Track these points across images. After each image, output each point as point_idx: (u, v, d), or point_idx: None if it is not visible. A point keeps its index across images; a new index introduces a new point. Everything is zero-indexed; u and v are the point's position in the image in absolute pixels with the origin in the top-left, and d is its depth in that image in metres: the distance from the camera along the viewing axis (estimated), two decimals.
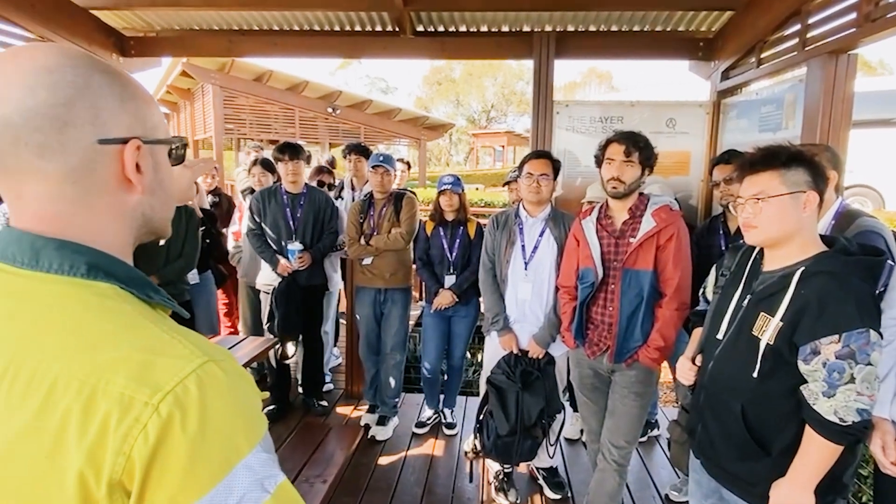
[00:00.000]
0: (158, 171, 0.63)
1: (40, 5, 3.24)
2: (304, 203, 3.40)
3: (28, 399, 0.48)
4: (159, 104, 0.70)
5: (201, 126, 11.05)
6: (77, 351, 0.49)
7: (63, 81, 0.54)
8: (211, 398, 0.49)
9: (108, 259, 0.57)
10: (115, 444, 0.46)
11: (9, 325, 0.52)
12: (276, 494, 0.51)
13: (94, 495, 0.46)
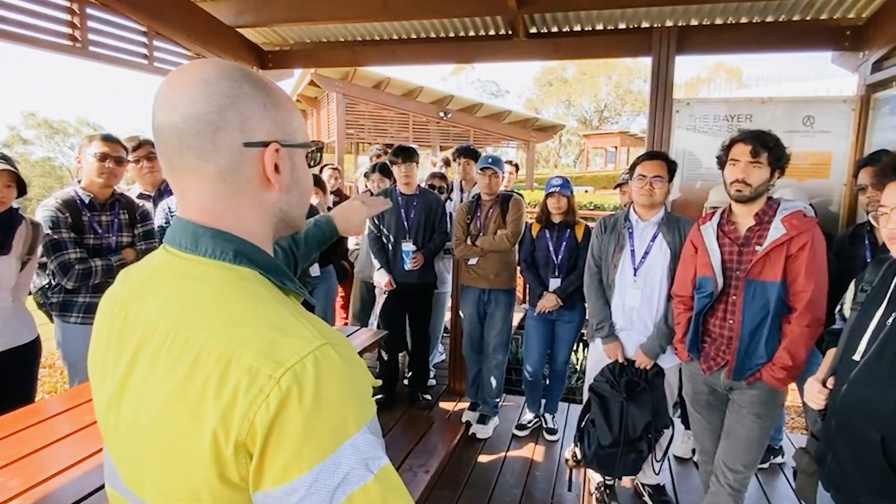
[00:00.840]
0: (295, 172, 0.69)
1: (198, 28, 3.70)
2: (416, 204, 3.55)
3: (180, 363, 0.56)
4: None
5: (325, 131, 11.87)
6: (219, 326, 0.57)
7: (218, 92, 0.62)
8: (325, 378, 0.54)
9: (252, 248, 0.65)
10: (243, 409, 0.52)
11: (172, 300, 0.62)
12: (379, 476, 0.54)
13: (223, 452, 0.53)
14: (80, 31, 3.09)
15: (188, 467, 0.55)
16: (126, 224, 2.65)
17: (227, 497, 0.55)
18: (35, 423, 1.90)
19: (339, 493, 0.52)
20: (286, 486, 0.52)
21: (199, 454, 0.53)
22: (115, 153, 2.53)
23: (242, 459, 0.53)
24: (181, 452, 0.55)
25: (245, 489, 0.54)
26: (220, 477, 0.54)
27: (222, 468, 0.53)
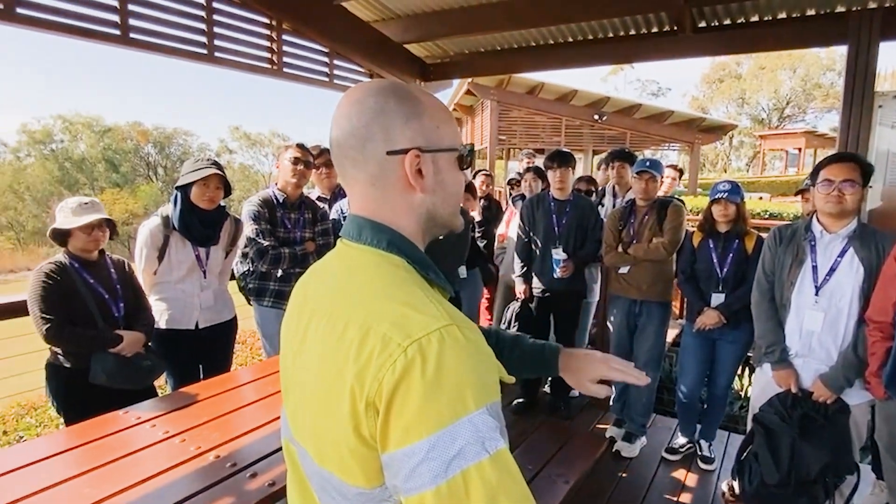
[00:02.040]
0: (439, 175, 0.75)
1: (371, 46, 4.08)
2: (569, 210, 3.50)
3: (334, 330, 0.66)
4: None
5: (479, 138, 12.21)
6: (364, 300, 0.67)
7: (367, 109, 0.73)
8: (447, 354, 0.59)
9: (403, 240, 0.74)
10: (374, 371, 0.60)
11: (335, 278, 0.75)
12: (495, 457, 0.58)
13: (357, 407, 0.61)
14: (278, 55, 3.59)
15: (332, 419, 0.64)
16: (309, 222, 3.03)
17: (361, 452, 0.63)
18: (230, 388, 2.26)
19: (455, 465, 0.56)
20: (407, 448, 0.58)
21: (341, 408, 0.62)
22: (305, 158, 2.95)
23: (371, 417, 0.60)
24: (329, 406, 0.65)
25: (375, 448, 0.62)
26: (355, 430, 0.62)
27: (357, 422, 0.62)
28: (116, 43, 2.79)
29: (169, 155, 30.91)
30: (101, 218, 2.25)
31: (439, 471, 0.56)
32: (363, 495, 0.65)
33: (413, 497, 0.58)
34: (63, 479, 1.53)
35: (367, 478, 0.63)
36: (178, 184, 2.55)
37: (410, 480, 0.58)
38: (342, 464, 0.65)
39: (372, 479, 0.63)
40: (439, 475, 0.56)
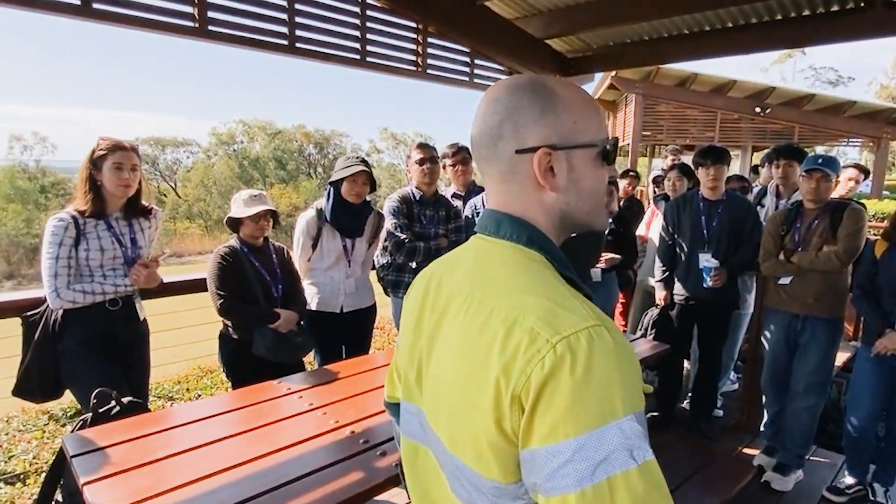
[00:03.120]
0: (573, 172, 0.72)
1: (512, 44, 4.09)
2: (721, 211, 3.20)
3: (475, 320, 0.67)
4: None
5: (621, 135, 11.65)
6: (507, 292, 0.66)
7: (500, 107, 0.73)
8: (597, 354, 0.57)
9: (542, 236, 0.73)
10: (521, 365, 0.59)
11: (473, 270, 0.75)
12: (643, 468, 0.55)
13: (502, 400, 0.60)
14: (422, 57, 3.75)
15: (472, 409, 0.64)
16: (443, 219, 3.14)
17: (500, 446, 0.62)
18: (367, 369, 2.42)
19: (601, 471, 0.54)
20: (552, 446, 0.56)
21: (484, 399, 0.62)
22: (429, 155, 3.08)
23: (516, 411, 0.59)
24: (468, 396, 0.65)
25: (515, 444, 0.61)
26: (496, 424, 0.61)
27: (500, 416, 0.61)
28: (287, 53, 3.13)
29: (327, 154, 33.86)
30: (267, 209, 2.53)
31: (585, 474, 0.54)
32: (498, 489, 0.64)
33: (555, 497, 0.56)
34: (226, 436, 1.76)
35: (503, 472, 0.63)
36: (331, 180, 2.79)
37: (553, 480, 0.56)
38: (478, 455, 0.64)
39: (508, 475, 0.62)
40: (584, 479, 0.54)
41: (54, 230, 2.08)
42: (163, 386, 4.23)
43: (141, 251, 2.31)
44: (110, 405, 1.86)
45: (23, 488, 2.79)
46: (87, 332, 2.13)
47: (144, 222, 2.34)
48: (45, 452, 3.16)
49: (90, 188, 2.14)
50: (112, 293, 2.17)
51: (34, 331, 2.12)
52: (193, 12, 2.70)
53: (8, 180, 22.56)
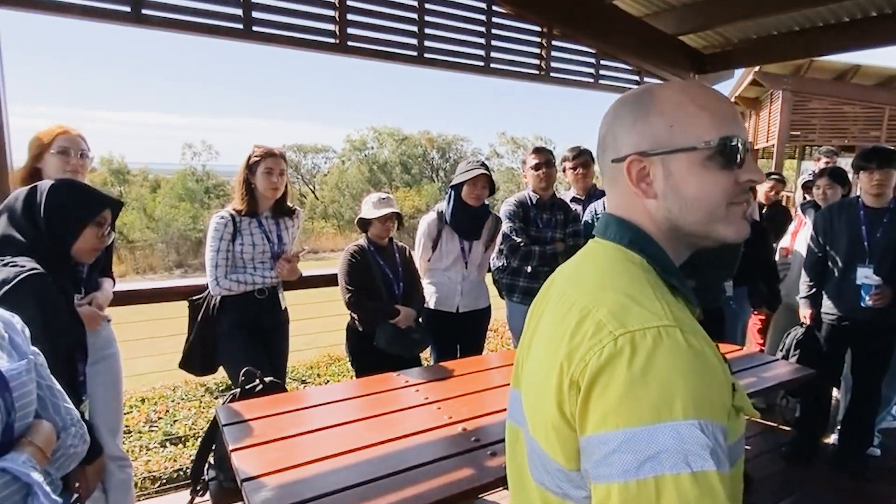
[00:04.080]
0: (671, 178, 0.70)
1: (640, 42, 3.92)
2: (888, 221, 2.79)
3: (561, 311, 0.70)
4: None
5: (763, 135, 10.57)
6: (591, 287, 0.69)
7: (606, 119, 0.77)
8: (661, 353, 0.57)
9: (648, 240, 0.73)
10: (582, 352, 0.62)
11: (573, 269, 0.78)
12: (699, 476, 0.53)
13: (563, 383, 0.63)
14: (546, 60, 3.74)
15: (545, 392, 0.67)
16: (560, 223, 3.11)
17: (562, 430, 0.64)
18: (480, 370, 2.47)
19: (649, 467, 0.54)
20: (601, 434, 0.57)
21: (551, 382, 0.65)
22: (544, 159, 3.05)
23: (573, 396, 0.62)
24: (545, 381, 0.68)
25: (574, 430, 0.63)
26: (558, 406, 0.64)
27: (561, 399, 0.64)
28: (416, 63, 3.30)
29: (448, 159, 34.79)
30: (393, 211, 2.69)
31: (630, 466, 0.55)
32: (561, 472, 0.66)
33: (600, 485, 0.58)
34: (349, 420, 1.91)
35: (565, 456, 0.65)
36: (452, 183, 2.89)
37: (600, 467, 0.58)
38: (547, 436, 0.67)
39: (570, 460, 0.65)
40: (629, 471, 0.55)
41: (216, 226, 2.39)
42: (297, 370, 4.66)
43: (285, 247, 2.57)
44: (255, 383, 2.10)
45: (183, 449, 3.24)
46: (239, 317, 2.43)
47: (289, 221, 2.61)
48: (201, 420, 3.64)
49: (246, 190, 2.43)
50: (260, 283, 2.45)
51: (198, 313, 2.46)
52: (335, 29, 2.95)
53: (180, 182, 26.19)
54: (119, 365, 2.12)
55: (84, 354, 1.54)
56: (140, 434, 3.43)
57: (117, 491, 2.08)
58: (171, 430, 3.51)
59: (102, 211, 1.54)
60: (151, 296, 2.71)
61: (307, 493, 1.46)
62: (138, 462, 3.01)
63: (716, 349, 0.63)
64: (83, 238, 1.50)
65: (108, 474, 1.98)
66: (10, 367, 1.00)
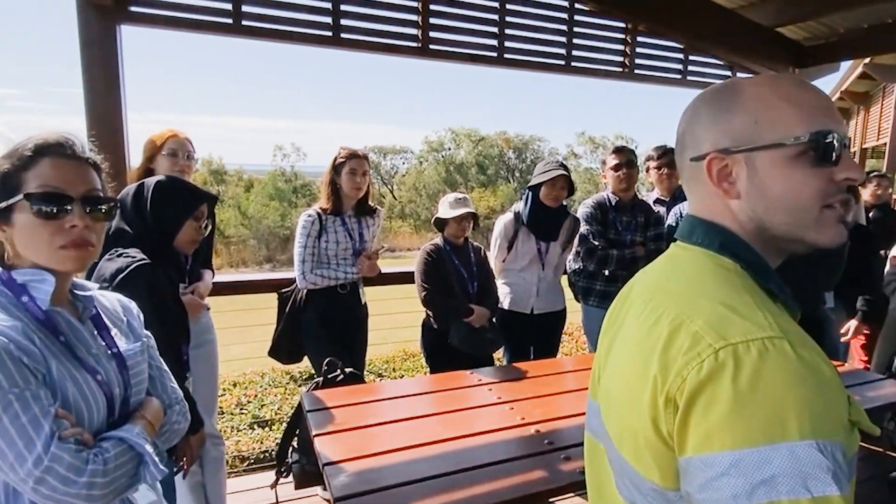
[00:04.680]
0: (756, 177, 0.66)
1: (733, 36, 3.71)
2: None
3: (647, 321, 0.66)
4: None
5: (874, 132, 9.60)
6: (681, 295, 0.65)
7: (685, 117, 0.74)
8: (769, 368, 0.53)
9: (739, 243, 0.69)
10: (679, 366, 0.58)
11: (657, 274, 0.75)
12: (819, 503, 0.49)
13: (657, 399, 0.60)
14: (630, 57, 3.62)
15: (634, 407, 0.64)
16: (641, 226, 3.00)
17: (657, 447, 0.61)
18: (554, 373, 2.45)
19: (762, 492, 0.50)
20: (706, 456, 0.54)
21: (643, 397, 0.62)
22: (626, 159, 2.95)
23: (670, 413, 0.58)
24: (632, 393, 0.65)
25: (672, 449, 0.59)
26: (653, 423, 0.61)
27: (655, 415, 0.60)
28: (496, 65, 3.31)
29: (524, 159, 34.48)
30: (469, 212, 2.72)
31: (740, 491, 0.51)
32: (656, 492, 0.63)
33: None
34: (423, 414, 1.95)
35: (662, 475, 0.61)
36: (530, 184, 2.88)
37: (706, 491, 0.54)
38: (637, 453, 0.64)
39: (667, 479, 0.61)
40: (740, 496, 0.51)
41: (304, 224, 2.53)
42: (374, 363, 4.82)
43: (366, 245, 2.68)
44: (336, 373, 2.21)
45: (269, 432, 3.45)
46: (323, 310, 2.56)
47: (370, 220, 2.71)
48: (286, 406, 3.86)
49: (331, 190, 2.56)
50: (343, 279, 2.57)
51: (286, 305, 2.62)
52: (417, 33, 3.03)
53: (271, 182, 27.85)
54: (216, 350, 2.30)
55: (187, 337, 1.69)
56: (231, 416, 3.69)
57: (212, 466, 2.26)
58: (259, 413, 3.75)
59: (200, 206, 1.66)
60: (244, 287, 2.93)
61: (383, 481, 1.51)
62: (229, 442, 3.24)
63: (828, 360, 0.59)
64: (184, 231, 1.62)
65: (204, 451, 2.15)
66: (127, 347, 1.13)
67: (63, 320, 1.01)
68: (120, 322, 1.17)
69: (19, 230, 0.96)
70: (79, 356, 1.00)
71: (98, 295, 1.14)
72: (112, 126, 2.42)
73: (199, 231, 1.67)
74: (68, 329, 1.02)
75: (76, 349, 1.01)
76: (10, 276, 0.97)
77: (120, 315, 1.18)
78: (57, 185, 0.96)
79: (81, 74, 2.38)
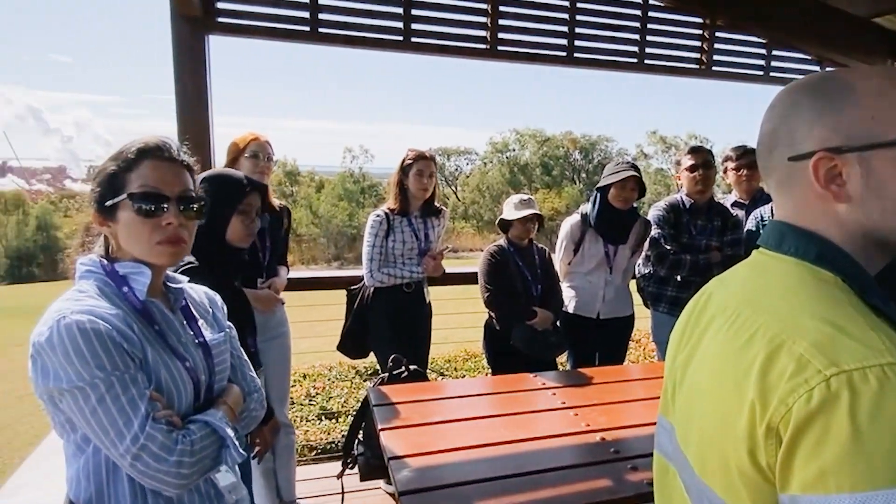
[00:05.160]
0: (872, 178, 0.60)
1: (823, 28, 3.46)
2: None
3: (738, 337, 0.61)
4: None
5: None
6: (780, 312, 0.59)
7: (774, 114, 0.67)
8: (891, 399, 0.48)
9: (838, 253, 0.62)
10: (782, 393, 0.52)
11: (744, 286, 0.69)
12: None
13: (756, 429, 0.54)
14: (707, 54, 3.46)
15: (725, 434, 0.59)
16: (717, 230, 2.86)
17: (753, 480, 0.56)
18: (621, 380, 2.38)
19: None
20: (819, 497, 0.49)
21: (737, 425, 0.57)
22: (702, 160, 2.82)
23: (772, 444, 0.53)
24: (722, 416, 0.60)
25: (771, 482, 0.54)
26: (749, 454, 0.55)
27: (752, 445, 0.55)
28: (566, 64, 3.26)
29: (591, 160, 33.71)
30: (534, 213, 2.70)
31: None
32: None
33: None
34: (485, 415, 1.96)
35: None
36: (599, 185, 2.81)
37: None
38: (728, 485, 0.59)
39: None
40: None
41: (373, 223, 2.61)
42: (436, 362, 4.87)
43: (431, 245, 2.72)
44: (401, 370, 2.26)
45: (335, 424, 3.57)
46: (388, 308, 2.62)
47: (435, 220, 2.75)
48: (351, 399, 3.98)
49: (399, 190, 2.62)
50: (408, 278, 2.62)
51: (354, 301, 2.70)
52: (486, 35, 3.04)
53: (341, 183, 28.87)
54: (289, 343, 2.41)
55: (253, 331, 1.75)
56: (301, 406, 3.85)
57: (283, 454, 2.38)
58: (326, 405, 3.89)
59: (243, 199, 1.62)
60: (316, 284, 3.04)
61: (446, 478, 1.53)
62: (298, 431, 3.38)
63: None
64: (232, 226, 1.61)
65: (276, 438, 2.27)
66: (212, 337, 1.20)
67: (157, 310, 1.10)
68: (206, 313, 1.25)
69: (122, 226, 1.05)
70: (170, 344, 1.09)
71: (187, 287, 1.22)
72: (200, 130, 2.59)
73: (248, 225, 1.64)
74: (162, 318, 1.10)
75: (168, 337, 1.09)
76: (113, 268, 1.06)
77: (206, 306, 1.27)
78: (155, 185, 1.04)
79: (173, 82, 2.56)
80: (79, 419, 0.95)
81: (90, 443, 1.00)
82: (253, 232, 1.68)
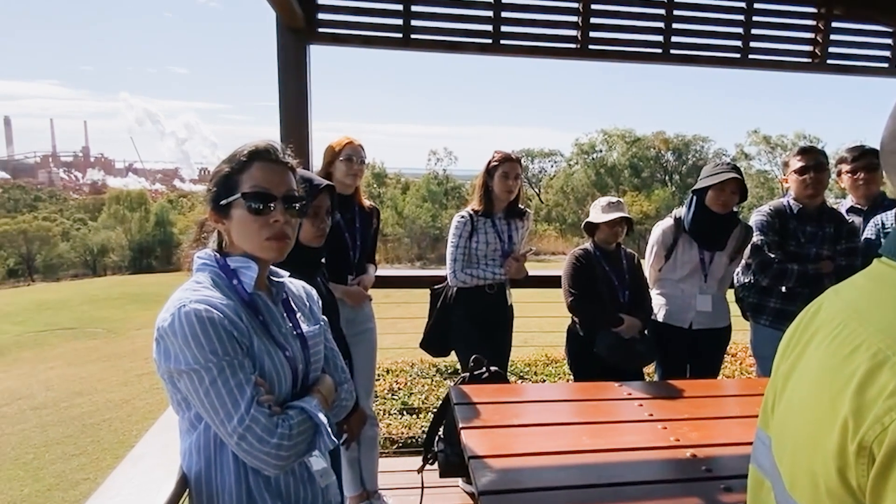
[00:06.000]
0: None
1: None
2: None
3: (840, 350, 0.57)
4: None
5: None
6: (890, 327, 0.54)
7: None
8: None
9: None
10: (879, 411, 0.48)
11: (855, 296, 0.63)
12: None
13: (847, 447, 0.51)
14: (821, 46, 3.18)
15: (816, 450, 0.56)
16: (830, 238, 2.62)
17: (841, 500, 0.53)
18: (714, 395, 2.25)
19: None
20: None
21: (828, 441, 0.54)
22: (813, 161, 2.59)
23: (863, 464, 0.50)
24: (814, 434, 0.57)
25: (861, 502, 0.51)
26: (839, 472, 0.52)
27: (843, 464, 0.52)
28: (661, 61, 3.13)
29: (685, 161, 31.99)
30: (623, 216, 2.62)
31: None
32: None
33: None
34: (566, 422, 1.93)
35: None
36: (696, 187, 2.67)
37: None
38: (816, 502, 0.57)
39: None
40: None
41: (457, 224, 2.64)
42: (516, 365, 4.85)
43: (514, 247, 2.71)
44: (482, 370, 2.27)
45: (416, 419, 3.66)
46: (471, 308, 2.65)
47: (519, 222, 2.74)
48: (432, 397, 4.06)
49: (484, 192, 2.64)
50: (490, 279, 2.63)
51: (437, 300, 2.75)
52: (577, 34, 2.98)
53: (425, 185, 29.51)
54: (375, 338, 2.51)
55: (336, 323, 1.81)
56: (384, 400, 3.98)
57: (367, 445, 2.47)
58: (407, 400, 3.99)
59: (312, 202, 1.59)
60: (402, 282, 3.13)
61: (526, 482, 1.53)
62: (381, 424, 3.50)
63: None
64: (302, 227, 1.56)
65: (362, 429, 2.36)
66: (308, 329, 1.29)
67: (262, 302, 1.19)
68: (304, 306, 1.34)
69: (235, 223, 1.15)
70: (273, 334, 1.17)
71: (288, 281, 1.31)
72: (300, 134, 2.76)
73: (318, 225, 1.64)
74: (266, 310, 1.19)
75: (271, 328, 1.18)
76: (225, 262, 1.16)
77: (304, 300, 1.35)
78: (264, 185, 1.13)
79: (277, 90, 2.75)
80: (193, 398, 1.05)
81: (202, 420, 1.10)
82: (324, 231, 1.68)
